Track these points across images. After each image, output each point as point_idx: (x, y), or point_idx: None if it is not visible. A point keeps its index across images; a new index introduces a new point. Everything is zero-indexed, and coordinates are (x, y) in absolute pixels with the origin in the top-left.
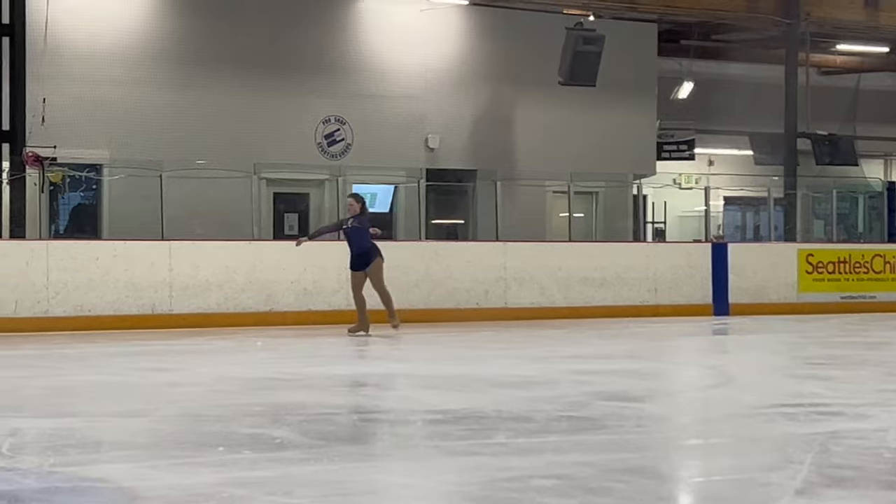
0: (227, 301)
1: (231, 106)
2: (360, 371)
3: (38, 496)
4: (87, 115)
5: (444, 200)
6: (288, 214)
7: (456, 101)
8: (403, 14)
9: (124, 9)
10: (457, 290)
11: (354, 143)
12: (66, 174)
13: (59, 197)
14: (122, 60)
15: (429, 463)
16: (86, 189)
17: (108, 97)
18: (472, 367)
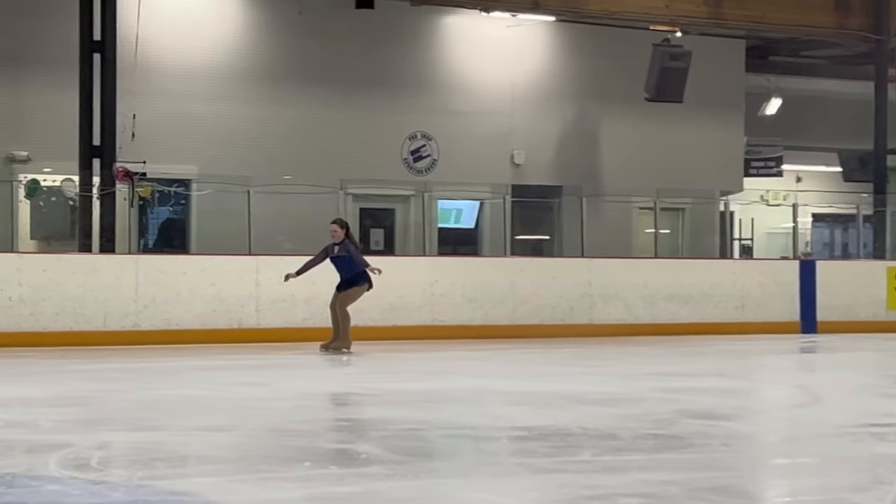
0: (313, 316)
1: (318, 122)
2: (445, 387)
3: None
4: (176, 130)
5: (529, 216)
6: (374, 230)
7: (542, 117)
8: (490, 30)
9: (214, 25)
10: (542, 306)
11: (440, 158)
12: (155, 189)
13: (149, 212)
14: (210, 76)
15: (514, 480)
16: (174, 204)
17: (196, 113)
18: (556, 383)
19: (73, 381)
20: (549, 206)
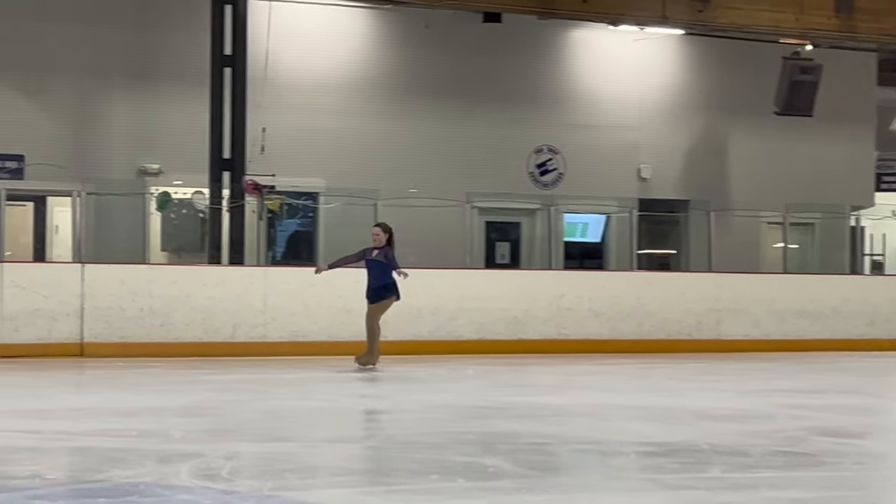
0: (439, 329)
1: (444, 135)
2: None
3: None
4: (305, 144)
5: (655, 230)
6: (499, 243)
7: (669, 131)
8: (617, 44)
9: (341, 41)
10: (668, 320)
11: (566, 172)
12: (283, 202)
13: (277, 224)
14: (338, 90)
15: (642, 496)
16: (302, 216)
17: (324, 126)
18: (684, 398)
19: (202, 391)
20: (676, 220)
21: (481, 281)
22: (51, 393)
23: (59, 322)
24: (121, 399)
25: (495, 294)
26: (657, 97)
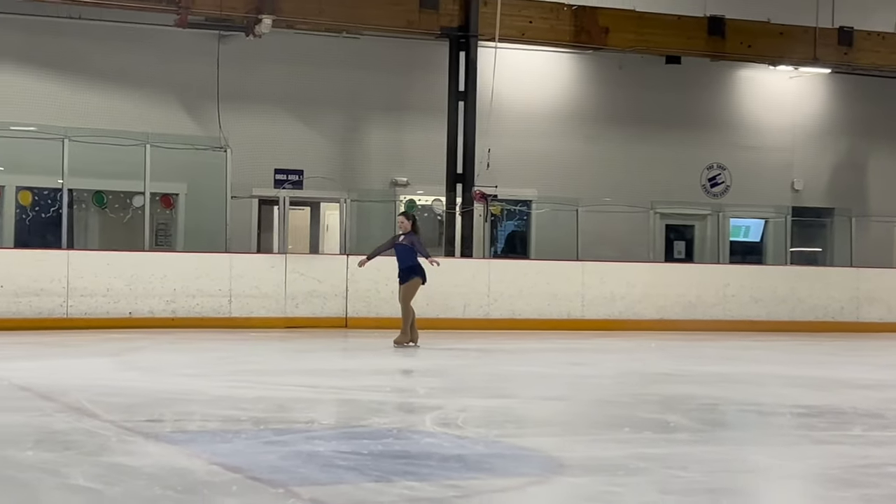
0: (627, 310)
1: (632, 154)
2: (736, 370)
3: (487, 459)
4: (521, 161)
5: (805, 232)
6: (676, 242)
7: (817, 151)
8: (775, 80)
9: (551, 79)
10: (816, 306)
11: (732, 184)
12: (503, 208)
13: (498, 225)
14: (547, 119)
15: (797, 449)
16: (518, 219)
17: (536, 148)
18: (829, 370)
19: (441, 357)
20: (823, 224)
21: (662, 272)
22: (323, 356)
23: (329, 301)
24: (377, 362)
25: (673, 283)
26: (808, 123)
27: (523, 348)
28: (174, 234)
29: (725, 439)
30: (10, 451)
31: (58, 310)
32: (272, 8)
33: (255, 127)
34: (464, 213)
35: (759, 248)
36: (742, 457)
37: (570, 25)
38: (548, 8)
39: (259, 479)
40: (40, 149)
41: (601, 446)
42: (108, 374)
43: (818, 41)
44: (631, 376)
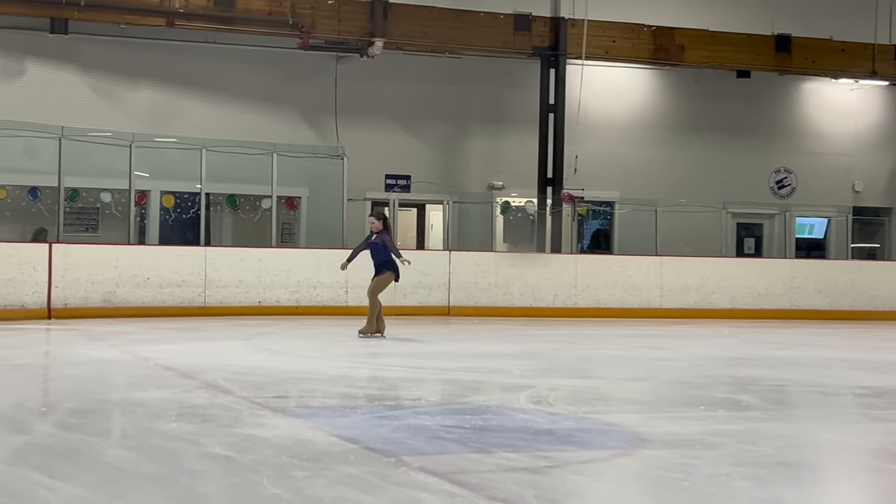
0: (701, 300)
1: (706, 159)
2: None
3: (576, 433)
4: (605, 166)
5: (865, 230)
6: (746, 239)
7: (876, 156)
8: (837, 92)
9: (632, 92)
10: (875, 297)
11: (798, 186)
12: (589, 208)
13: (584, 224)
14: (629, 127)
15: (859, 426)
16: (602, 218)
17: (619, 153)
18: (889, 354)
19: (533, 341)
20: (881, 222)
21: (733, 266)
22: (428, 340)
23: (433, 292)
24: (477, 346)
25: (743, 276)
26: (867, 131)
27: (607, 334)
28: (297, 232)
29: (793, 417)
30: (156, 423)
31: (197, 299)
32: (383, 31)
33: (369, 137)
34: (553, 213)
35: (822, 244)
36: (808, 433)
37: (650, 44)
38: (629, 28)
39: (373, 450)
40: (181, 158)
41: (679, 423)
42: (241, 355)
43: (876, 56)
44: (706, 360)
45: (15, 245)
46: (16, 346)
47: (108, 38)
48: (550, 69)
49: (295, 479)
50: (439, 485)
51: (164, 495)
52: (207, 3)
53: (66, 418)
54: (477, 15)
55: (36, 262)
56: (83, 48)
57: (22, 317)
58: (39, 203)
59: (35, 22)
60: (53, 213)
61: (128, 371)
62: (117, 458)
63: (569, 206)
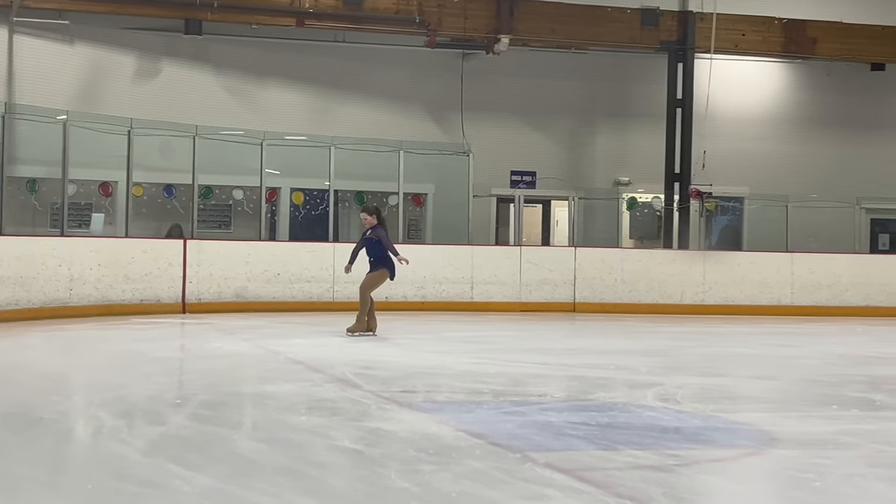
0: (834, 298)
1: (838, 155)
2: None
3: (703, 432)
4: (734, 161)
5: None
6: (881, 234)
7: None
8: None
9: (762, 86)
10: None
11: None
12: (717, 204)
13: (712, 220)
14: (759, 122)
15: None
16: (731, 214)
17: (748, 149)
18: None
19: (659, 338)
20: None
21: (867, 263)
22: (554, 337)
23: (558, 288)
24: (602, 343)
25: (878, 273)
26: None
27: (735, 332)
28: (423, 228)
29: None
30: (285, 415)
31: (325, 294)
32: (509, 28)
33: (494, 133)
34: (681, 209)
35: None
36: None
37: (781, 37)
38: (759, 21)
39: (499, 445)
40: (310, 155)
41: (810, 422)
42: (368, 350)
43: None
44: (838, 358)
45: (151, 241)
46: (152, 340)
47: (239, 39)
48: (678, 63)
49: (422, 472)
50: (565, 481)
51: (293, 487)
52: (336, 3)
53: (200, 410)
54: (604, 10)
55: (171, 258)
56: (216, 48)
57: (158, 311)
58: (174, 200)
59: (170, 23)
60: (188, 210)
61: (259, 365)
62: (249, 450)
63: (696, 202)
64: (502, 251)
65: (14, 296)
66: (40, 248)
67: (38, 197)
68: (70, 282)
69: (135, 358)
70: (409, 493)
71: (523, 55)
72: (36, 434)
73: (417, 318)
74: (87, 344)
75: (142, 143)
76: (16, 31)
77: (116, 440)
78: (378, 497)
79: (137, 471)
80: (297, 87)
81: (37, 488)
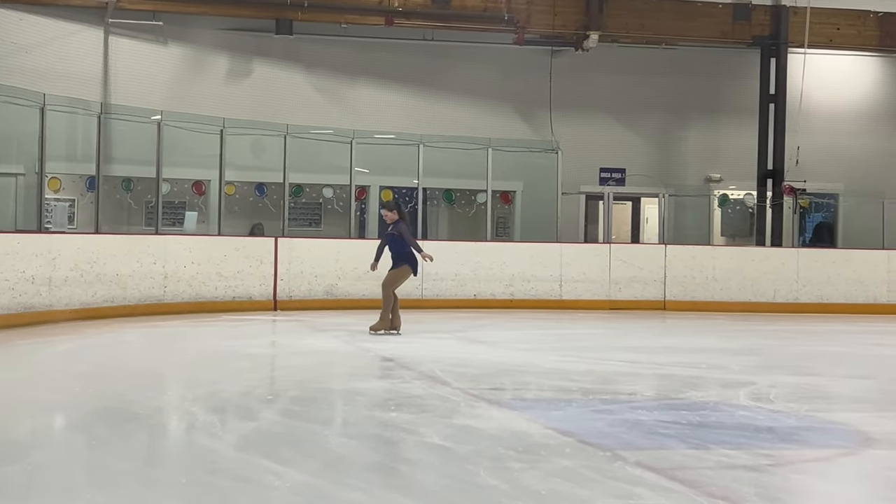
0: None
1: None
2: None
3: (797, 431)
4: (828, 157)
5: None
6: None
7: None
8: None
9: (857, 80)
10: None
11: None
12: (812, 201)
13: (806, 217)
14: (854, 117)
15: None
16: (825, 211)
17: (843, 144)
18: None
19: (751, 337)
20: None
21: None
22: (644, 335)
23: (648, 286)
24: (693, 341)
25: None
26: None
27: (830, 330)
28: (512, 226)
29: None
30: (376, 412)
31: (414, 292)
32: (598, 25)
33: (583, 130)
34: (774, 205)
35: None
36: None
37: (876, 31)
38: (854, 15)
39: (589, 443)
40: (399, 153)
41: None
42: (457, 347)
43: None
44: None
45: (243, 239)
46: (245, 337)
47: (329, 38)
48: (771, 58)
49: (511, 470)
50: (656, 480)
51: (383, 483)
52: (425, 2)
53: (291, 406)
54: (695, 5)
55: (262, 256)
56: (306, 48)
57: (249, 308)
58: (266, 199)
59: (261, 24)
60: (279, 208)
61: (349, 361)
62: (339, 446)
63: (790, 199)
64: (591, 249)
65: (110, 293)
66: (135, 247)
67: (133, 196)
68: (164, 279)
69: (227, 354)
70: (498, 491)
71: (613, 51)
72: (131, 429)
73: (506, 315)
74: (180, 340)
75: (234, 143)
76: (111, 33)
77: (209, 435)
78: (467, 494)
79: (229, 465)
80: (387, 86)
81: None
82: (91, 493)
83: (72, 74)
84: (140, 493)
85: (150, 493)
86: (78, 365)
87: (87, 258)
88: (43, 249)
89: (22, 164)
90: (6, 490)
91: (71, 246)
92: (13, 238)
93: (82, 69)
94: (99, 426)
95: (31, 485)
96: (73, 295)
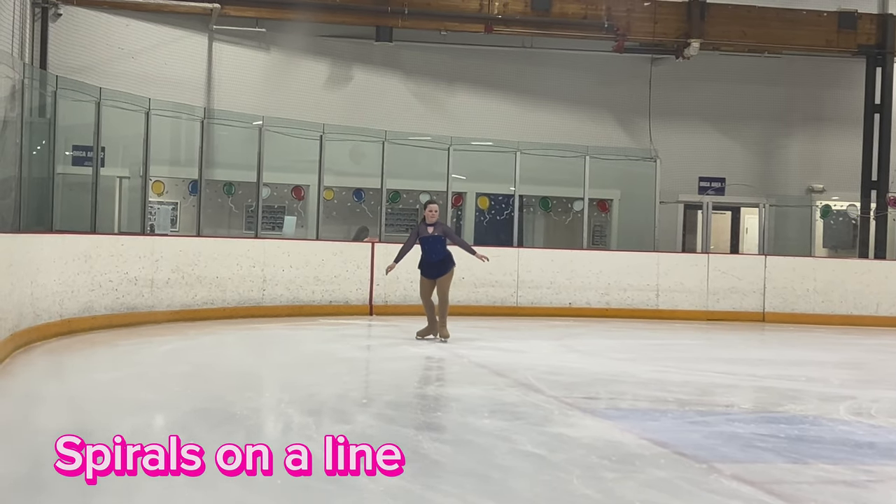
0: None
1: None
2: None
3: None
4: None
5: None
6: None
7: None
8: None
9: None
10: None
11: None
12: None
13: None
14: None
15: None
16: None
17: None
18: None
19: (855, 350)
20: None
21: None
22: (742, 346)
23: (747, 297)
24: (792, 354)
25: None
26: None
27: None
28: (608, 234)
29: None
30: (469, 418)
31: (509, 299)
32: (700, 32)
33: (682, 139)
34: (878, 217)
35: None
36: None
37: None
38: None
39: (684, 455)
40: (496, 160)
41: None
42: (551, 355)
43: None
44: None
45: (340, 244)
46: (340, 341)
47: (429, 45)
48: (877, 68)
49: (604, 480)
50: (753, 494)
51: (476, 489)
52: (525, 9)
53: (385, 410)
54: (799, 13)
55: (359, 261)
56: (406, 55)
57: (346, 312)
58: (363, 204)
59: (362, 31)
60: (376, 213)
61: (443, 367)
62: (433, 451)
63: (894, 211)
64: (689, 258)
65: (210, 296)
66: (235, 250)
67: (234, 199)
68: (263, 283)
69: (323, 357)
70: (591, 500)
71: (714, 59)
72: (229, 429)
73: (601, 324)
74: (278, 343)
75: (333, 148)
76: (215, 39)
77: (304, 437)
78: (560, 502)
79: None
80: (484, 93)
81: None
82: (189, 492)
83: (176, 79)
84: (237, 492)
85: (247, 493)
86: (178, 365)
87: (188, 260)
88: (146, 251)
89: (127, 167)
90: (106, 487)
91: (173, 248)
92: (117, 240)
93: (186, 74)
94: (197, 426)
95: (130, 483)
96: (174, 296)
